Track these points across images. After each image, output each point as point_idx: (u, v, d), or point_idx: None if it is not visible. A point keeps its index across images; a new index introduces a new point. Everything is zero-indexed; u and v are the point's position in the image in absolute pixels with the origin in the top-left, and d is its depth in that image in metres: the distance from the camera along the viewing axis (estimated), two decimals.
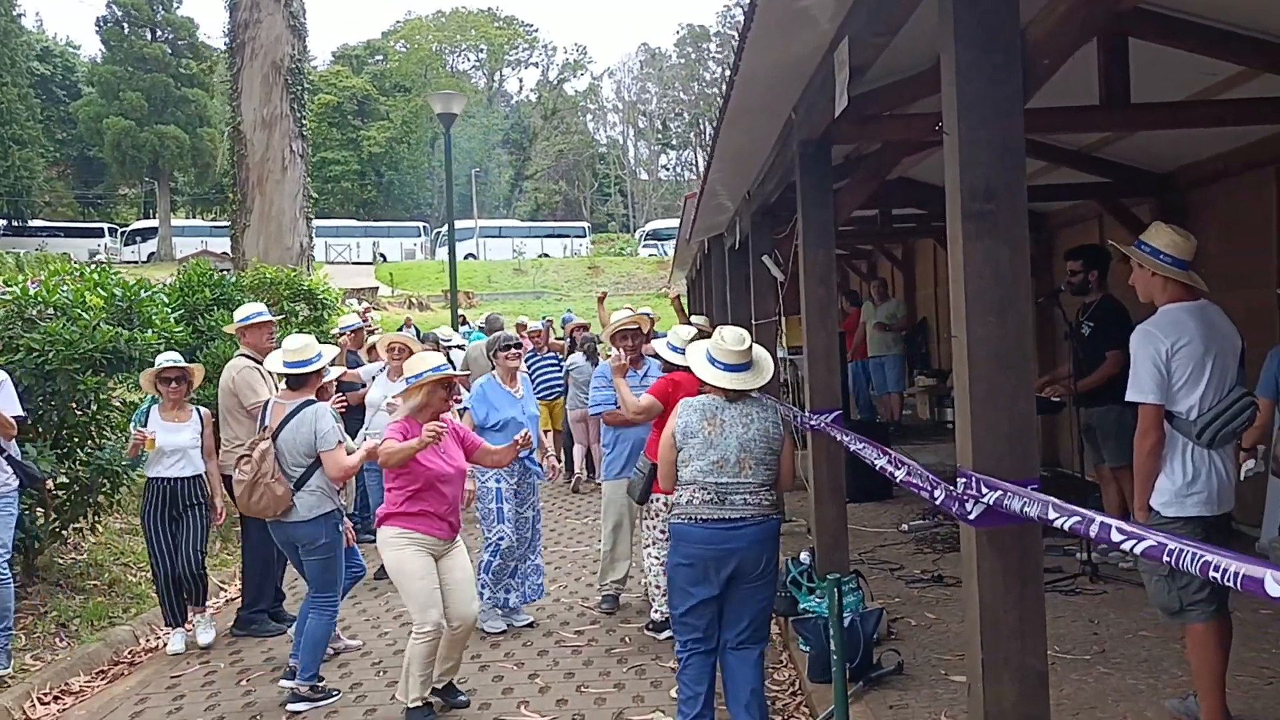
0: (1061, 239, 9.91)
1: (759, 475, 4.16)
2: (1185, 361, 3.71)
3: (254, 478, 5.21)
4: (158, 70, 50.53)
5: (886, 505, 8.79)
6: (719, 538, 4.12)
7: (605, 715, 4.95)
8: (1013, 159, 2.76)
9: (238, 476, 5.31)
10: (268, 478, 5.21)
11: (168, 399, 6.23)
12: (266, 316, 6.76)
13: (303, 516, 5.29)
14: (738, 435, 4.15)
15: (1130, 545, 1.83)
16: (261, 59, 14.97)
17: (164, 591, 6.33)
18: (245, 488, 5.24)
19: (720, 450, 4.15)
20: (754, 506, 4.14)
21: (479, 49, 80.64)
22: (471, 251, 54.02)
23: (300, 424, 5.32)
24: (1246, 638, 4.99)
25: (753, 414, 4.22)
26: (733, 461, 4.13)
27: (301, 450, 5.30)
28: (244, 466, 5.27)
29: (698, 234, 12.08)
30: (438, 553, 4.94)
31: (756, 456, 4.15)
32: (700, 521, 4.15)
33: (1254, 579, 1.46)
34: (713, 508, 4.14)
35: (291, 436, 5.31)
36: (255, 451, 5.28)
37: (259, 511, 5.32)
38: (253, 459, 5.26)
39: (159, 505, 6.22)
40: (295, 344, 5.52)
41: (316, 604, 5.35)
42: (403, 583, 4.89)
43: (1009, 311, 2.75)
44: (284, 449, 5.30)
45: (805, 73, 4.87)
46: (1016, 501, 2.43)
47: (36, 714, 5.38)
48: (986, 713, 2.79)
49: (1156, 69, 5.21)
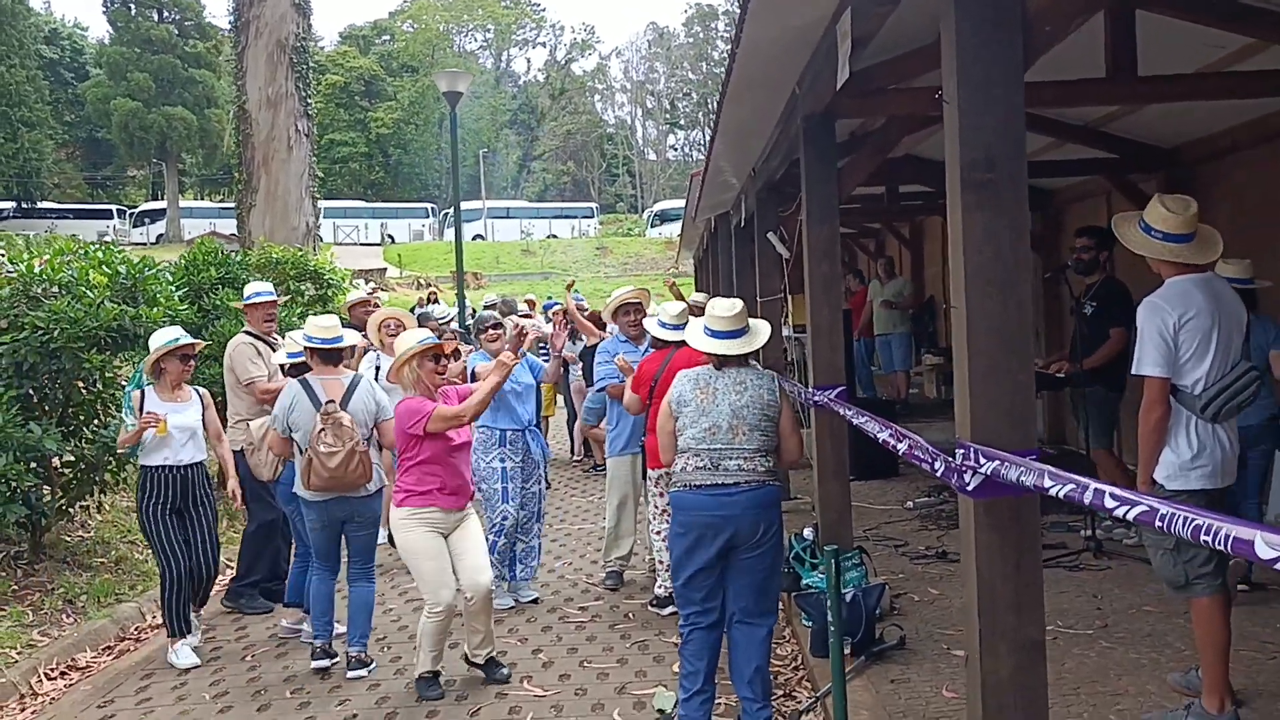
0: (1069, 215, 9.85)
1: (754, 441, 4.14)
2: (1192, 335, 3.67)
3: (350, 446, 5.13)
4: (165, 51, 50.45)
5: (892, 483, 8.78)
6: (713, 504, 4.12)
7: (607, 689, 4.97)
8: (1013, 128, 2.73)
9: (325, 450, 5.10)
10: (360, 445, 5.18)
11: (176, 379, 5.75)
12: (269, 296, 6.76)
13: (370, 491, 5.37)
14: (730, 402, 4.15)
15: (1123, 511, 1.82)
16: (266, 38, 14.92)
17: (173, 598, 5.64)
18: (343, 457, 5.10)
19: (713, 417, 4.15)
20: (748, 472, 4.13)
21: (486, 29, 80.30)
22: (479, 232, 53.97)
23: (363, 394, 5.40)
24: (1250, 612, 4.99)
25: (746, 381, 4.21)
26: (725, 428, 4.13)
27: (364, 420, 5.35)
28: (327, 439, 5.10)
29: (703, 212, 12.03)
30: (449, 527, 5.03)
31: (750, 423, 4.14)
32: (695, 488, 4.16)
33: (1244, 541, 1.44)
34: (706, 474, 4.14)
35: (360, 407, 5.35)
36: (344, 421, 5.17)
37: (355, 480, 5.20)
38: (344, 428, 5.15)
39: (166, 497, 5.61)
40: (323, 323, 5.54)
41: (365, 572, 5.48)
42: (414, 564, 5.02)
43: (1008, 282, 2.72)
44: (355, 419, 5.30)
45: (808, 45, 4.82)
46: (1013, 471, 2.42)
47: (43, 689, 5.42)
48: (984, 684, 2.78)
49: (1165, 42, 5.14)
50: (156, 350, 5.62)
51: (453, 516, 5.03)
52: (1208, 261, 3.76)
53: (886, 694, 4.43)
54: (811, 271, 5.60)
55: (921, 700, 4.35)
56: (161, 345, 5.63)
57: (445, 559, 4.96)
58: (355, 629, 5.40)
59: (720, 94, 5.85)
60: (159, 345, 5.63)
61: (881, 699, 4.38)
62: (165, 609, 5.69)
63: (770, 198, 8.29)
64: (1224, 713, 3.77)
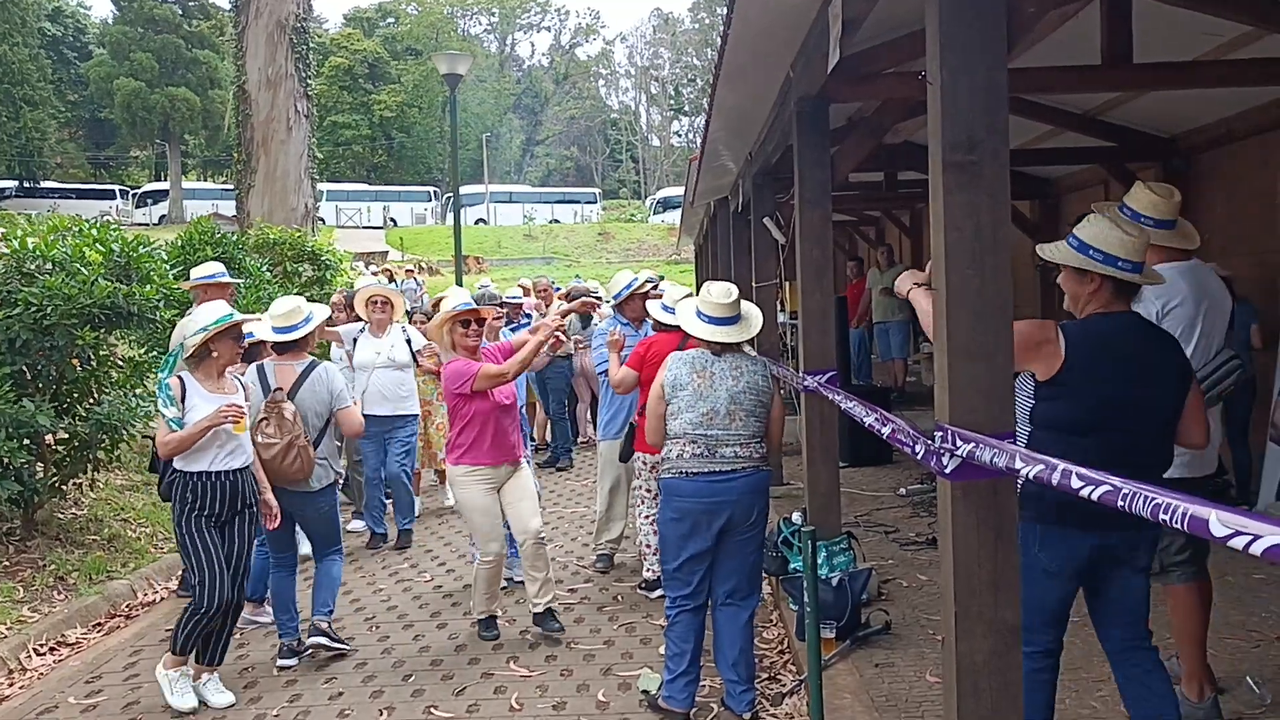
0: (1069, 204, 9.84)
1: (749, 427, 4.16)
2: (1176, 322, 3.65)
3: (289, 439, 5.00)
4: (168, 31, 50.38)
5: (885, 470, 8.78)
6: (709, 490, 4.13)
7: (593, 671, 4.98)
8: (995, 108, 2.71)
9: (263, 440, 4.97)
10: (301, 439, 5.06)
11: (227, 363, 4.83)
12: (224, 278, 6.63)
13: (313, 488, 5.19)
14: (728, 388, 4.15)
15: (1088, 491, 1.82)
16: (266, 17, 14.89)
17: (197, 622, 4.66)
18: (279, 450, 4.97)
19: (710, 402, 4.14)
20: (744, 459, 4.15)
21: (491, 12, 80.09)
22: (482, 217, 53.96)
23: (315, 384, 5.27)
24: (1236, 600, 5.00)
25: (742, 367, 4.21)
26: (723, 414, 4.13)
27: (316, 410, 5.22)
28: (267, 430, 5.00)
29: (701, 196, 12.01)
30: (500, 480, 5.37)
31: (746, 409, 4.15)
32: (690, 475, 4.15)
33: (1200, 519, 1.44)
34: (702, 461, 4.14)
35: (309, 397, 5.23)
36: (285, 412, 5.03)
37: (291, 475, 5.03)
38: (285, 420, 5.02)
39: (211, 509, 4.66)
40: (284, 307, 5.33)
41: (330, 555, 5.41)
42: (468, 516, 5.43)
43: (988, 264, 2.71)
44: (302, 410, 5.18)
45: (801, 27, 4.80)
46: (988, 453, 2.42)
47: (33, 664, 5.44)
48: (959, 665, 2.78)
49: (1161, 29, 5.12)
50: (212, 329, 4.62)
51: (502, 470, 5.35)
52: (1193, 247, 3.75)
53: (870, 678, 4.44)
54: (803, 256, 5.59)
55: (905, 684, 4.36)
56: (215, 323, 4.64)
57: (496, 512, 5.33)
58: (318, 598, 5.32)
59: (713, 75, 5.82)
60: (210, 323, 4.64)
61: (865, 682, 4.39)
62: (180, 628, 4.70)
63: (767, 183, 8.27)
64: (1203, 700, 3.78)
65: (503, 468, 5.33)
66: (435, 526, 8.24)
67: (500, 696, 4.73)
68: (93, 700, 4.91)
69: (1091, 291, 3.08)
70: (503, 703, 4.65)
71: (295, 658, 5.25)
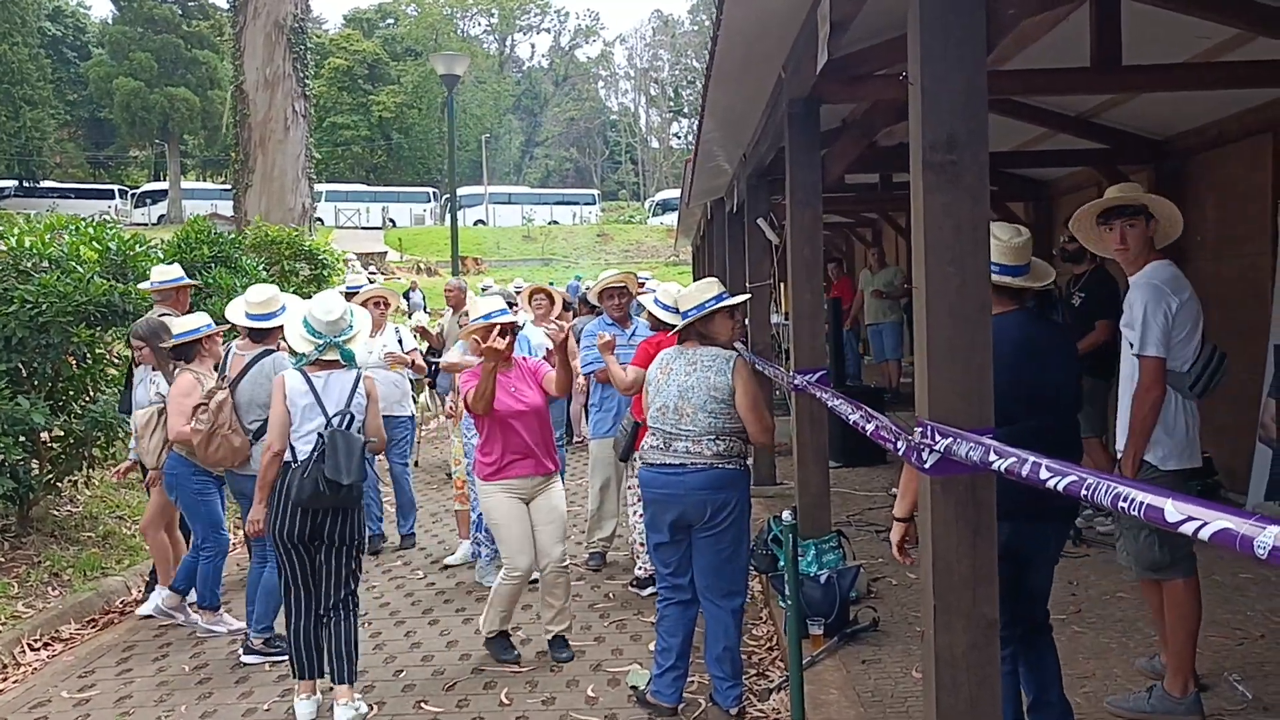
0: (1062, 206, 9.86)
1: (699, 423, 4.12)
2: (1186, 316, 3.75)
3: (211, 428, 5.06)
4: (168, 31, 50.44)
5: (879, 470, 8.81)
6: (661, 481, 4.21)
7: (583, 666, 5.01)
8: (975, 108, 2.74)
9: (194, 426, 5.11)
10: (225, 429, 5.09)
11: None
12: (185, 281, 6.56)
13: (254, 471, 5.08)
14: (678, 383, 4.20)
15: (1054, 481, 1.85)
16: (264, 18, 14.93)
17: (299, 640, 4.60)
18: (203, 438, 5.07)
19: (664, 397, 4.23)
20: (695, 455, 4.13)
21: (490, 13, 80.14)
22: (481, 218, 53.99)
23: (260, 374, 5.21)
24: (1223, 600, 5.03)
25: (699, 361, 4.20)
26: (672, 408, 4.19)
27: (261, 401, 5.11)
28: (201, 416, 5.09)
29: (696, 197, 12.04)
30: (529, 491, 5.02)
31: (695, 404, 4.13)
32: (650, 465, 4.28)
33: (1156, 508, 1.47)
34: (659, 453, 4.23)
35: (250, 387, 5.21)
36: (212, 401, 5.10)
37: (216, 462, 5.20)
38: (210, 409, 5.08)
39: (305, 514, 4.47)
40: (259, 295, 5.34)
41: (261, 555, 5.25)
42: (496, 530, 5.06)
43: (968, 263, 2.74)
44: (242, 400, 5.19)
45: (791, 29, 4.84)
46: (964, 447, 2.45)
47: (26, 659, 5.47)
48: (938, 659, 2.81)
49: (1151, 32, 5.15)
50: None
51: (530, 482, 5.01)
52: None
53: (857, 674, 4.47)
54: (794, 255, 5.62)
55: (890, 680, 4.39)
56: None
57: (525, 525, 4.99)
58: (256, 610, 5.24)
59: (705, 75, 5.86)
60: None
61: (851, 678, 4.42)
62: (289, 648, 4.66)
63: (761, 184, 8.30)
64: (1186, 695, 3.81)
65: (530, 479, 5.02)
66: (432, 526, 8.26)
67: (490, 691, 4.76)
68: (85, 695, 4.94)
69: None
70: (492, 698, 4.68)
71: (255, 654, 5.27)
